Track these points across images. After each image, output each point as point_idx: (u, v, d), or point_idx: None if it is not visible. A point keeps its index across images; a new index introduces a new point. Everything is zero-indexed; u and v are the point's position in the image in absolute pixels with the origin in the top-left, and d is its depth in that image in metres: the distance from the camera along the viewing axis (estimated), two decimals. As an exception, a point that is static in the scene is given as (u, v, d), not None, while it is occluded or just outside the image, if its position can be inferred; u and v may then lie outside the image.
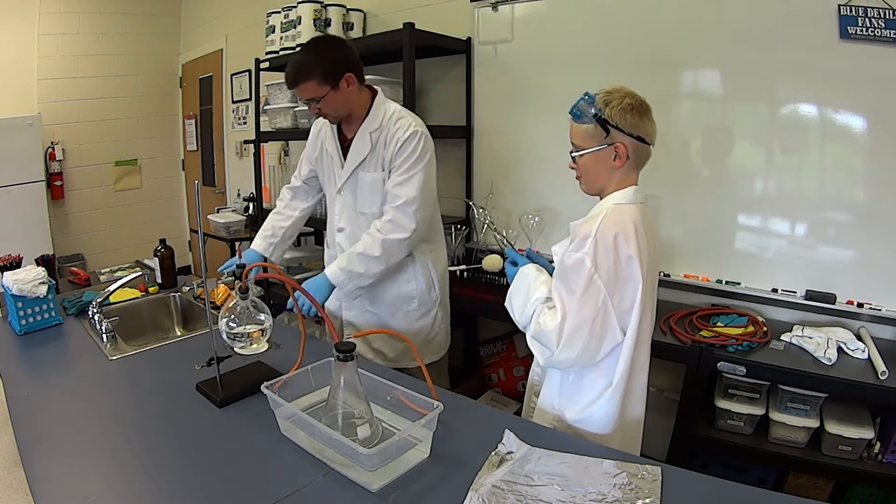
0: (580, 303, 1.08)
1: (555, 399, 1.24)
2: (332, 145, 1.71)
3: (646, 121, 1.15)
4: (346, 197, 1.71)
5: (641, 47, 1.99)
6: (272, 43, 2.80)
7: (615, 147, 1.14)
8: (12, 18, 3.85)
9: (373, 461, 0.88)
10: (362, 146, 1.64)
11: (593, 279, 1.08)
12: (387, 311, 1.77)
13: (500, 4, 2.33)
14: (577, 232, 1.14)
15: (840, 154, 1.74)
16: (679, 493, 0.88)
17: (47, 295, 1.61)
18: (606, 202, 1.17)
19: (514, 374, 2.44)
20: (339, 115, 1.63)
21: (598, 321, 1.09)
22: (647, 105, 1.16)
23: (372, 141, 1.62)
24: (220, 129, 4.34)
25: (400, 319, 1.78)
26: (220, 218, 3.46)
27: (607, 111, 1.12)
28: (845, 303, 1.73)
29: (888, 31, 1.56)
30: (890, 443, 1.52)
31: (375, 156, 1.63)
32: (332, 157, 1.72)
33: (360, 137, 1.64)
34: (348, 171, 1.67)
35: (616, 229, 1.09)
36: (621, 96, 1.14)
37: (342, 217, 1.74)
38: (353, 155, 1.65)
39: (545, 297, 1.17)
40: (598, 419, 1.18)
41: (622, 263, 1.09)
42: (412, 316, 1.79)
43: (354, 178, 1.68)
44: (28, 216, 3.81)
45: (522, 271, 1.25)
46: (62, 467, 0.97)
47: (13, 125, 3.68)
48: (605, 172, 1.17)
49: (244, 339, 1.17)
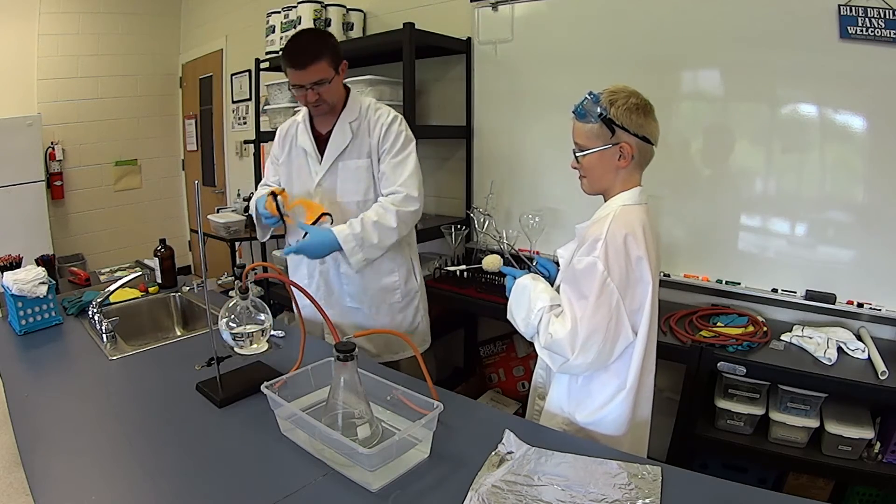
0: (594, 308, 1.07)
1: (563, 402, 1.24)
2: (307, 141, 1.70)
3: (650, 121, 1.15)
4: (326, 188, 1.69)
5: (642, 47, 1.99)
6: (272, 43, 2.80)
7: (620, 147, 1.13)
8: (12, 18, 3.85)
9: (373, 461, 0.88)
10: (342, 136, 1.64)
11: (606, 282, 1.07)
12: (370, 305, 1.75)
13: (500, 4, 2.33)
14: (587, 235, 1.14)
15: (840, 154, 1.74)
16: (679, 493, 0.88)
17: (47, 295, 1.61)
18: (613, 203, 1.16)
19: (514, 374, 2.44)
20: (333, 102, 1.62)
21: (612, 325, 1.09)
22: (650, 105, 1.16)
23: (352, 130, 1.64)
24: (220, 129, 4.34)
25: (384, 313, 1.77)
26: (220, 218, 3.46)
27: (612, 110, 1.12)
28: (845, 303, 1.73)
29: (888, 31, 1.56)
30: (890, 443, 1.52)
31: (357, 144, 1.65)
32: (307, 152, 1.70)
33: (339, 128, 1.65)
34: (328, 163, 1.66)
35: (625, 230, 1.09)
36: (626, 95, 1.13)
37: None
38: (333, 146, 1.65)
39: (549, 306, 1.16)
40: (611, 421, 1.18)
41: (633, 265, 1.09)
42: (395, 308, 1.79)
43: (334, 169, 1.67)
44: (28, 216, 3.81)
45: (520, 283, 1.24)
46: (62, 467, 0.97)
47: (13, 125, 3.68)
48: (610, 172, 1.17)
49: (244, 339, 1.17)
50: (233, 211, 3.71)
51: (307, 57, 1.51)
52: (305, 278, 1.77)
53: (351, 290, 1.74)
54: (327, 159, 1.66)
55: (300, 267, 1.80)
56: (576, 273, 1.11)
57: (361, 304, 1.75)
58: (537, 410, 1.36)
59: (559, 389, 1.25)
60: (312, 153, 1.69)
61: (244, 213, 3.54)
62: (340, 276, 1.73)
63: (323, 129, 1.69)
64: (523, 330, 1.21)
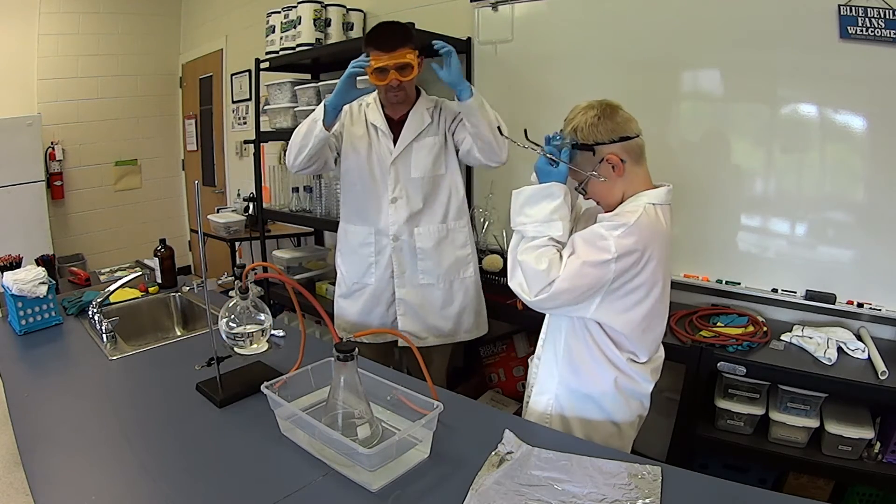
0: (581, 271, 1.07)
1: (553, 390, 1.26)
2: (381, 122, 1.77)
3: (617, 118, 1.14)
4: (399, 167, 1.77)
5: (642, 47, 1.99)
6: (272, 43, 2.80)
7: (607, 159, 1.13)
8: (12, 18, 3.85)
9: (373, 461, 0.88)
10: (421, 120, 1.75)
11: (608, 263, 1.07)
12: (444, 281, 1.80)
13: (500, 4, 2.32)
14: (619, 212, 1.12)
15: (840, 154, 1.74)
16: (679, 493, 0.88)
17: (47, 295, 1.61)
18: (640, 199, 1.13)
19: (514, 374, 2.44)
20: (411, 91, 1.73)
21: (584, 295, 1.10)
22: (610, 103, 1.15)
23: (431, 115, 1.76)
24: (220, 129, 4.34)
25: (458, 289, 1.83)
26: (220, 218, 3.46)
27: (579, 135, 1.13)
28: (845, 303, 1.73)
29: (888, 31, 1.56)
30: (890, 443, 1.52)
31: (433, 127, 1.77)
32: (381, 131, 1.77)
33: (416, 113, 1.76)
34: (403, 144, 1.75)
35: (649, 231, 1.09)
36: (583, 112, 1.14)
37: (396, 186, 1.77)
38: (409, 129, 1.75)
39: (558, 239, 1.14)
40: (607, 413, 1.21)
41: (640, 265, 1.09)
42: (469, 283, 1.84)
43: (409, 149, 1.75)
44: (28, 216, 3.81)
45: (554, 188, 1.16)
46: (62, 467, 0.97)
47: (13, 125, 3.68)
48: (614, 186, 1.16)
49: (244, 339, 1.17)
50: (233, 211, 3.71)
51: (395, 41, 1.56)
52: (372, 256, 1.81)
53: (425, 266, 1.78)
54: (403, 140, 1.74)
55: (365, 247, 1.82)
56: (590, 234, 1.10)
57: (435, 280, 1.80)
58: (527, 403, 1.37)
59: (549, 379, 1.27)
60: (385, 131, 1.76)
61: (244, 213, 3.54)
62: (415, 252, 1.78)
63: (394, 115, 1.77)
64: (516, 222, 1.18)
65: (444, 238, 1.80)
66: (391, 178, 1.76)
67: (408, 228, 1.78)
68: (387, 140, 1.76)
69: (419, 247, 1.78)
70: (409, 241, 1.78)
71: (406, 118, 1.76)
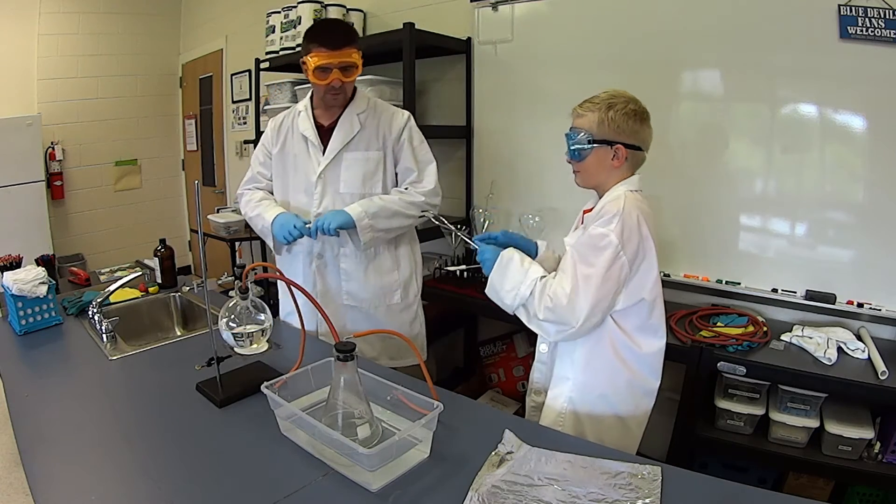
0: (603, 279, 1.12)
1: (567, 392, 1.27)
2: (310, 129, 1.65)
3: (645, 127, 1.20)
4: (328, 180, 1.65)
5: (642, 47, 1.99)
6: (272, 43, 2.80)
7: (615, 148, 1.18)
8: (12, 18, 3.85)
9: (373, 461, 0.88)
10: (350, 127, 1.63)
11: (619, 255, 1.12)
12: (369, 305, 1.72)
13: (500, 4, 2.33)
14: (602, 212, 1.17)
15: (840, 154, 1.74)
16: (679, 493, 0.88)
17: (47, 295, 1.61)
18: (618, 189, 1.20)
19: (514, 374, 2.44)
20: (349, 93, 1.63)
21: (614, 296, 1.15)
22: (647, 112, 1.21)
23: (360, 121, 1.63)
24: (220, 129, 4.34)
25: (382, 314, 1.73)
26: (220, 218, 3.46)
27: (611, 113, 1.17)
28: (845, 303, 1.73)
29: (888, 31, 1.56)
30: (890, 443, 1.52)
31: (365, 136, 1.64)
32: (309, 141, 1.65)
33: (346, 119, 1.63)
34: (332, 154, 1.63)
35: (637, 211, 1.14)
36: (625, 101, 1.18)
37: (322, 200, 1.65)
38: (338, 136, 1.63)
39: (540, 277, 1.19)
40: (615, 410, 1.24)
41: (644, 243, 1.14)
42: (394, 310, 1.75)
43: (338, 160, 1.64)
44: (28, 216, 3.81)
45: (506, 254, 1.25)
46: (62, 467, 0.97)
47: (13, 125, 3.68)
48: (604, 170, 1.21)
49: (244, 339, 1.17)
50: (233, 211, 3.71)
51: (342, 39, 1.50)
52: (300, 275, 1.71)
53: (350, 288, 1.70)
54: (332, 149, 1.63)
55: (294, 263, 1.74)
56: (590, 239, 1.15)
57: (359, 303, 1.71)
58: (533, 407, 1.37)
59: (561, 383, 1.28)
60: (315, 142, 1.65)
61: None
62: (339, 273, 1.69)
63: (325, 121, 1.66)
64: (509, 302, 1.23)
65: (371, 261, 1.69)
66: (317, 191, 1.64)
67: (331, 249, 1.68)
68: (315, 151, 1.65)
69: (342, 267, 1.68)
70: (333, 261, 1.68)
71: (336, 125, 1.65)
